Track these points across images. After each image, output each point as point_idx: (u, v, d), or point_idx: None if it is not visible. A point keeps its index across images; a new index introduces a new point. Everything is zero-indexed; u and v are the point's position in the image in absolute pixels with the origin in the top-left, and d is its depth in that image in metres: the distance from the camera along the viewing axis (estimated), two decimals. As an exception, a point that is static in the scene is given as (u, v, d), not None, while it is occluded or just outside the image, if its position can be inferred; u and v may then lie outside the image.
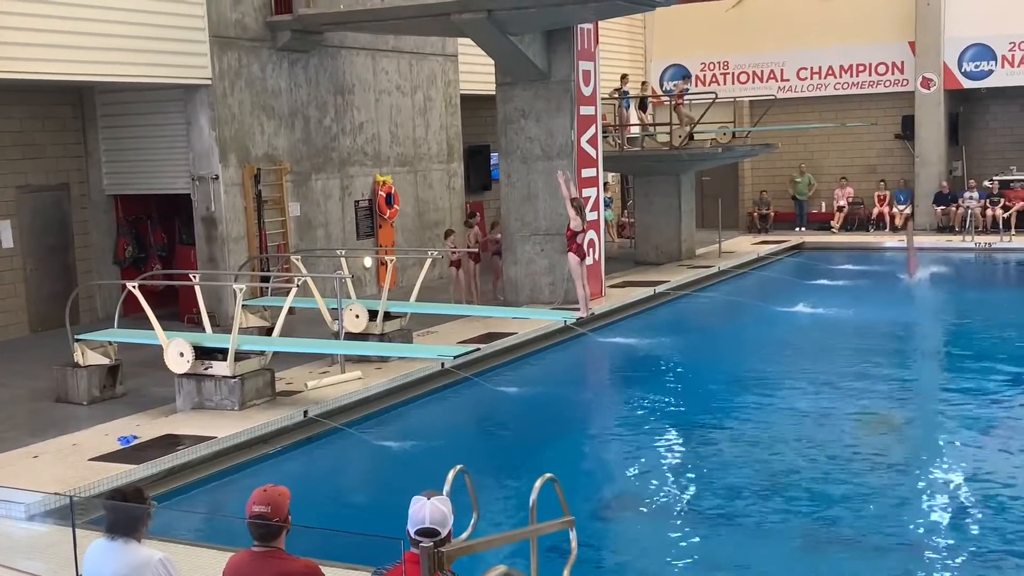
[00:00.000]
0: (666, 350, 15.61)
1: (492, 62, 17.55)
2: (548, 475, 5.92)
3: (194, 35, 15.70)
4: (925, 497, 9.35)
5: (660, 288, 19.00)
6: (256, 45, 16.73)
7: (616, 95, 22.61)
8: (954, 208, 25.97)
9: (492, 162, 22.93)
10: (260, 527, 4.71)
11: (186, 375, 11.20)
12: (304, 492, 5.24)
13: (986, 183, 25.94)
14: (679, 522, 8.92)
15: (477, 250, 17.67)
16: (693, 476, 10.23)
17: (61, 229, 16.74)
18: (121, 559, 4.89)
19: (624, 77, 23.49)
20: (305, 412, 11.08)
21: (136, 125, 16.77)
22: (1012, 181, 25.78)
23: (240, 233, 16.44)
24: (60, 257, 16.68)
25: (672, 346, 15.85)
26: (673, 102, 23.01)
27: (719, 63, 28.92)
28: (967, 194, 25.71)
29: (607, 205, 23.10)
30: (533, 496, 5.74)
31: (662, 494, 9.67)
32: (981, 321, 17.73)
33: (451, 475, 6.16)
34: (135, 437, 10.23)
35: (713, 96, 22.97)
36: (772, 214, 28.07)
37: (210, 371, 11.15)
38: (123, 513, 4.94)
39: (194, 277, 12.79)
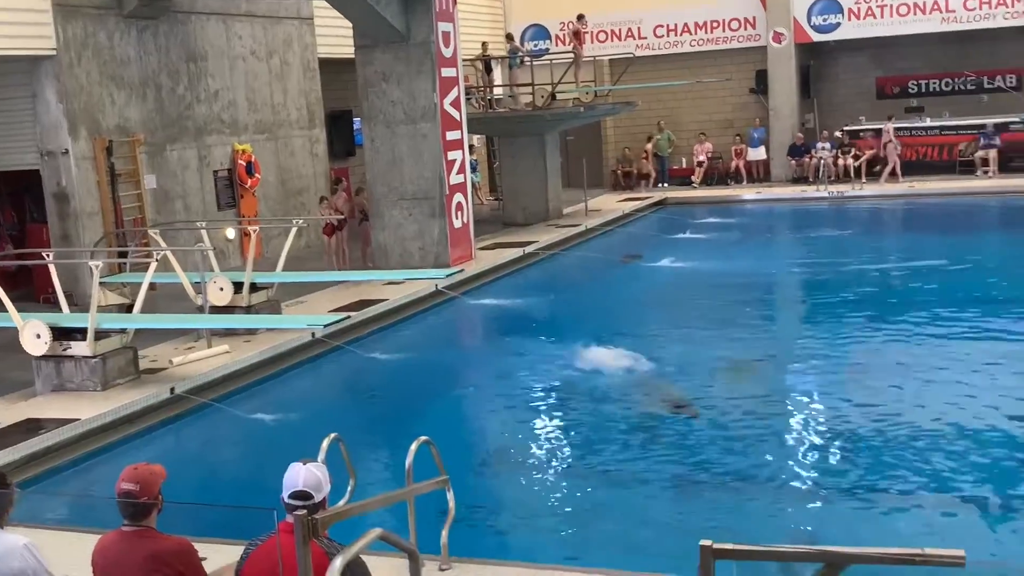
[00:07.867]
0: (537, 310, 15.73)
1: (350, 25, 17.28)
2: (423, 438, 5.94)
3: (36, 4, 14.99)
4: (788, 437, 9.69)
5: (529, 248, 19.12)
6: (102, 13, 16.08)
7: (507, 55, 22.85)
8: (807, 159, 26.78)
9: (355, 127, 22.64)
10: (128, 506, 4.63)
11: (44, 357, 10.83)
12: (175, 470, 5.11)
13: (837, 133, 26.81)
14: (555, 477, 9.04)
15: (344, 216, 17.45)
16: (568, 431, 10.38)
17: (-100, 211, 15.91)
18: (-17, 548, 4.71)
19: (509, 36, 23.49)
20: (172, 389, 10.81)
21: (-23, 99, 16.00)
22: (861, 131, 26.71)
23: (94, 208, 15.86)
24: (-99, 241, 15.87)
25: (543, 305, 15.99)
26: (572, 42, 23.46)
27: (578, 22, 29.09)
28: (819, 145, 26.52)
29: (473, 168, 23.10)
30: (409, 459, 5.75)
31: (538, 450, 9.78)
32: (838, 266, 18.34)
33: (325, 444, 6.12)
34: (-7, 424, 9.85)
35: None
36: (636, 171, 28.46)
37: (69, 352, 10.80)
38: (-17, 501, 4.77)
39: (47, 256, 12.31)
